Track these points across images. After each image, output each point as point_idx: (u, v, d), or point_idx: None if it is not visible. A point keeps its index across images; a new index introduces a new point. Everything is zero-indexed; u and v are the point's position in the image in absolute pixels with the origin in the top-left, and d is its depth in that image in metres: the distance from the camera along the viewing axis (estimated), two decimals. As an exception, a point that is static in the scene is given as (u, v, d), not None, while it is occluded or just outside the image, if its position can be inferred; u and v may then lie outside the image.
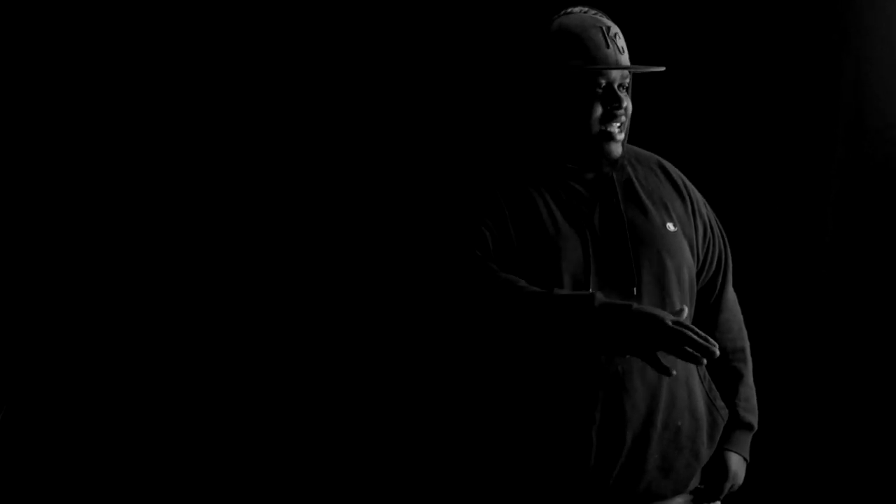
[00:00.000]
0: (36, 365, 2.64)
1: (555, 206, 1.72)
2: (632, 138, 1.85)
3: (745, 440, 1.90)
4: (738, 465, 1.88)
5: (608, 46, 1.70)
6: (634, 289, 1.70)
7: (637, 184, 1.80)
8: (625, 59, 1.73)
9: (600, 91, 1.70)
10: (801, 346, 2.73)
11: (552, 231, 1.69)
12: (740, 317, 1.96)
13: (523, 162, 1.78)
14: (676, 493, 1.76)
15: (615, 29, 1.74)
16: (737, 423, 1.88)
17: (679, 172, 1.90)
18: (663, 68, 1.74)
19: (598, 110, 1.70)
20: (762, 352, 2.05)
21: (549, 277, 1.66)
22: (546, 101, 1.74)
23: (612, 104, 1.70)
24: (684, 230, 1.81)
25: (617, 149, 1.73)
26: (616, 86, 1.71)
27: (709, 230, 1.88)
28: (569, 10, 1.77)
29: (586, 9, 1.77)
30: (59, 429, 2.65)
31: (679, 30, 2.70)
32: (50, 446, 2.64)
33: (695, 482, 1.80)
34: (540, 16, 1.78)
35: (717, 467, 1.86)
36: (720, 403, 1.83)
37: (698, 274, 1.86)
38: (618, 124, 1.71)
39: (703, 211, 1.89)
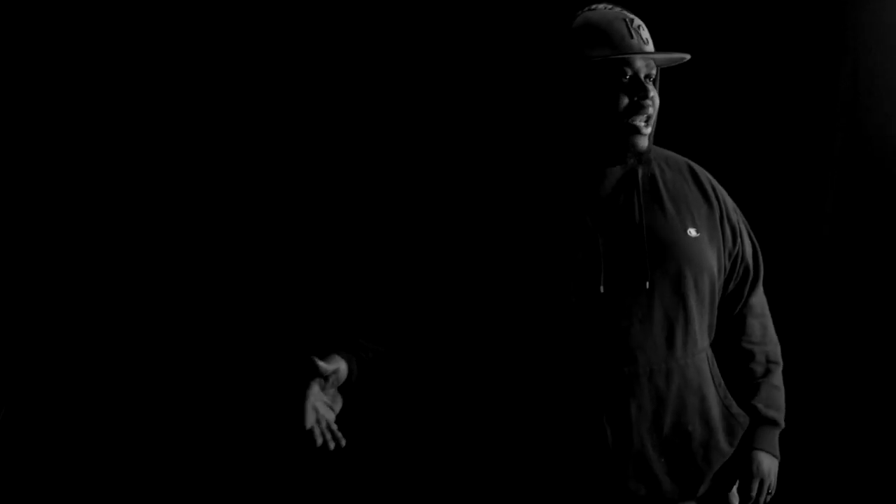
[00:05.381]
0: (36, 365, 2.64)
1: (566, 206, 1.71)
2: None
3: (771, 437, 1.85)
4: (767, 463, 1.83)
5: (632, 37, 1.70)
6: (647, 283, 1.69)
7: (662, 186, 1.79)
8: (650, 49, 1.72)
9: (626, 81, 1.68)
10: (799, 346, 2.73)
11: (561, 232, 1.69)
12: (769, 322, 1.94)
13: (538, 163, 1.77)
14: (684, 498, 1.75)
15: (639, 21, 1.73)
16: (759, 419, 1.84)
17: (710, 177, 1.88)
18: (688, 56, 1.73)
19: (625, 101, 1.68)
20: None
21: (556, 277, 1.67)
22: (571, 94, 1.72)
23: (639, 94, 1.68)
24: (709, 237, 1.79)
25: (643, 142, 1.71)
26: (642, 76, 1.70)
27: (738, 238, 1.86)
28: (591, 6, 1.77)
29: (610, 6, 1.77)
30: (59, 429, 2.65)
31: (676, 28, 2.70)
32: (50, 446, 2.64)
33: (704, 487, 1.77)
34: (561, 13, 1.77)
35: (745, 468, 1.82)
36: (737, 410, 1.81)
37: (727, 281, 1.85)
38: (644, 117, 1.69)
39: (734, 217, 1.86)
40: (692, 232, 1.75)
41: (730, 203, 1.88)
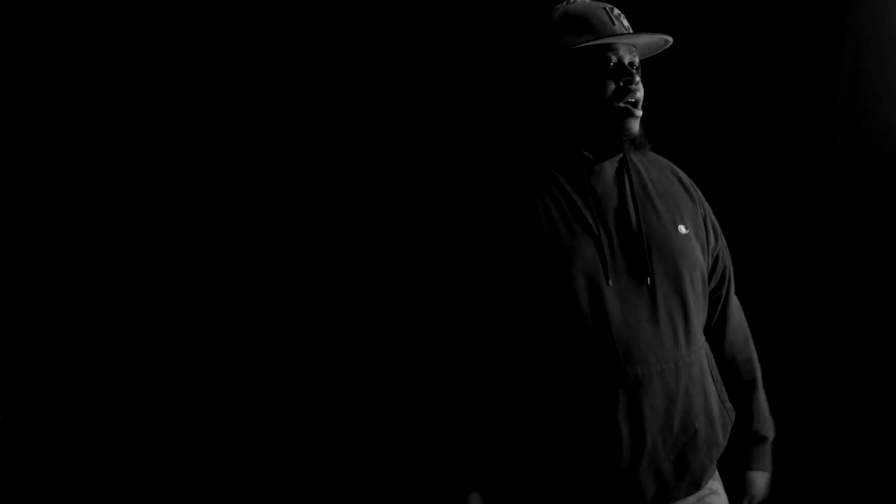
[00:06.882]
0: (36, 365, 2.64)
1: (566, 204, 1.71)
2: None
3: (765, 453, 1.91)
4: (761, 481, 1.91)
5: (614, 24, 1.72)
6: (648, 280, 1.70)
7: (650, 185, 1.79)
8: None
9: (611, 67, 1.70)
10: (798, 348, 2.73)
11: (564, 231, 1.69)
12: (746, 326, 1.96)
13: (532, 160, 1.77)
14: (689, 493, 1.76)
15: (619, 11, 1.75)
16: (753, 438, 1.89)
17: (689, 179, 1.89)
18: (670, 39, 1.74)
19: (612, 86, 1.69)
20: (760, 355, 2.05)
21: (562, 279, 1.66)
22: (558, 86, 1.73)
23: (625, 78, 1.69)
24: (696, 234, 1.80)
25: (635, 125, 1.71)
26: (626, 62, 1.71)
27: (718, 237, 1.88)
28: (569, 0, 1.78)
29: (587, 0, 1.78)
30: (59, 429, 2.65)
31: (673, 28, 2.69)
32: (50, 446, 2.64)
33: (705, 481, 1.79)
34: (539, 9, 1.78)
35: (742, 487, 1.89)
36: (729, 405, 1.83)
37: (707, 279, 1.85)
38: (633, 100, 1.70)
39: (712, 219, 1.88)
40: (682, 229, 1.77)
41: (708, 206, 1.90)
